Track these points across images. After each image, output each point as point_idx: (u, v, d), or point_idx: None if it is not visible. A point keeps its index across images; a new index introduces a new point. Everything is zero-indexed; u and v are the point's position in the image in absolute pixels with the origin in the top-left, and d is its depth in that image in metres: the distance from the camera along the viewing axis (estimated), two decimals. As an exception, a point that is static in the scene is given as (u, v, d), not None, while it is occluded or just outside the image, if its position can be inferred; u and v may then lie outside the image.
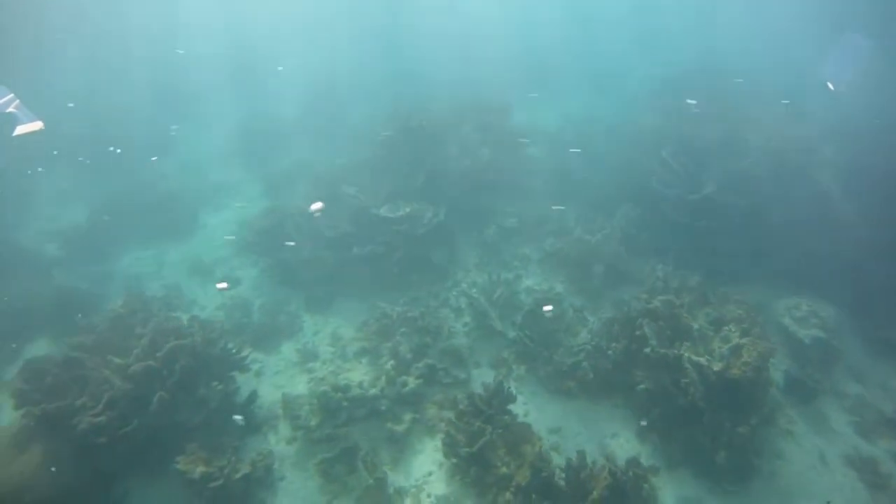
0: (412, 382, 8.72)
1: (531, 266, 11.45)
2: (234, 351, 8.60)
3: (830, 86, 18.28)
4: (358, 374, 9.18)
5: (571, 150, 13.14)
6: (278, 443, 8.56)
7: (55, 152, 15.35)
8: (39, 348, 10.76)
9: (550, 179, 13.54)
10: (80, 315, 10.91)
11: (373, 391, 8.46)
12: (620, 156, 13.62)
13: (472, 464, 7.94)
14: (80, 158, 15.09)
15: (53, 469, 7.52)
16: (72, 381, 8.16)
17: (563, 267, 11.16)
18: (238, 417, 8.21)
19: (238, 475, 7.55)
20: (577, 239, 11.14)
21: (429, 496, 7.93)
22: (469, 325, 10.12)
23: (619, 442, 8.83)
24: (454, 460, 8.06)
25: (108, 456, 7.71)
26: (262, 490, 7.88)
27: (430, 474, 8.18)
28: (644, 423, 8.82)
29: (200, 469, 7.46)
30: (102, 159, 15.90)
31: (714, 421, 8.35)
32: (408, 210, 10.87)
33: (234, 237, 12.54)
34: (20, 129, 16.52)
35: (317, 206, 10.40)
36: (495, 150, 12.43)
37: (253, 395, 8.69)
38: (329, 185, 11.89)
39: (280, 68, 18.74)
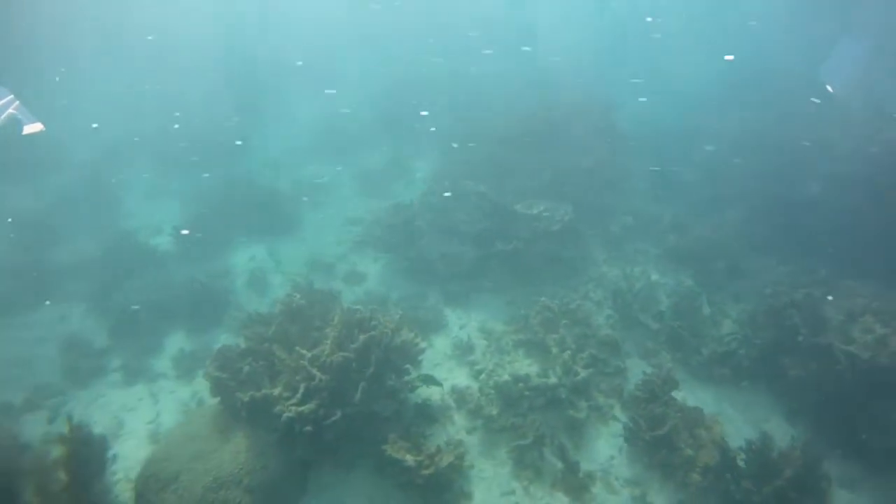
0: (582, 372, 8.94)
1: (655, 261, 11.83)
2: (415, 343, 8.66)
3: (829, 88, 19.08)
4: (523, 366, 9.37)
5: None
6: (458, 432, 8.68)
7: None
8: (178, 341, 10.64)
9: (646, 178, 13.97)
10: (212, 309, 10.89)
11: (553, 380, 8.65)
12: (707, 157, 14.11)
13: (658, 447, 8.24)
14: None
15: (262, 455, 7.50)
16: (262, 371, 8.13)
17: (686, 262, 11.56)
18: None
19: (445, 463, 7.64)
20: (697, 236, 11.55)
21: (617, 479, 8.17)
22: (612, 318, 10.41)
23: (771, 426, 9.20)
24: (639, 444, 8.34)
25: (310, 445, 7.72)
26: (459, 478, 7.98)
27: (612, 458, 8.42)
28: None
29: (411, 457, 7.54)
30: (184, 155, 15.70)
31: (869, 406, 8.84)
32: (542, 208, 11.11)
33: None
34: (28, 129, 16.17)
35: None
36: (606, 151, 12.78)
37: (428, 379, 8.79)
38: (452, 181, 12.02)
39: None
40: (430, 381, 8.97)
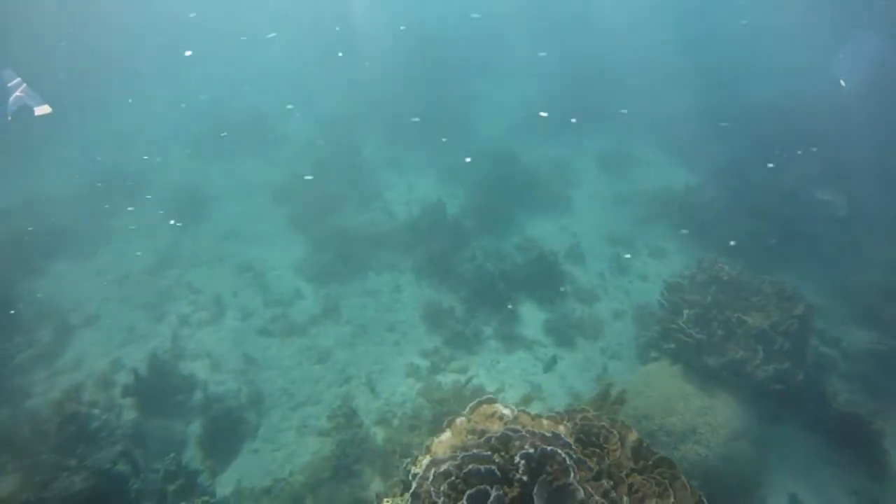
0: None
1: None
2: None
3: (843, 83, 18.38)
4: (864, 334, 10.49)
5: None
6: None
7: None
8: (531, 310, 10.89)
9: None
10: (552, 280, 11.21)
11: (916, 345, 9.83)
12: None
13: None
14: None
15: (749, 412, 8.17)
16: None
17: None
18: None
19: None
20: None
21: None
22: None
23: None
24: None
25: (775, 401, 8.50)
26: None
27: None
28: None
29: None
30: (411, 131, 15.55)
31: None
32: (829, 195, 12.21)
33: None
34: (38, 111, 16.05)
35: None
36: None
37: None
38: (733, 167, 12.84)
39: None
40: None
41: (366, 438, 8.07)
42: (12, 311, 10.38)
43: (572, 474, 4.65)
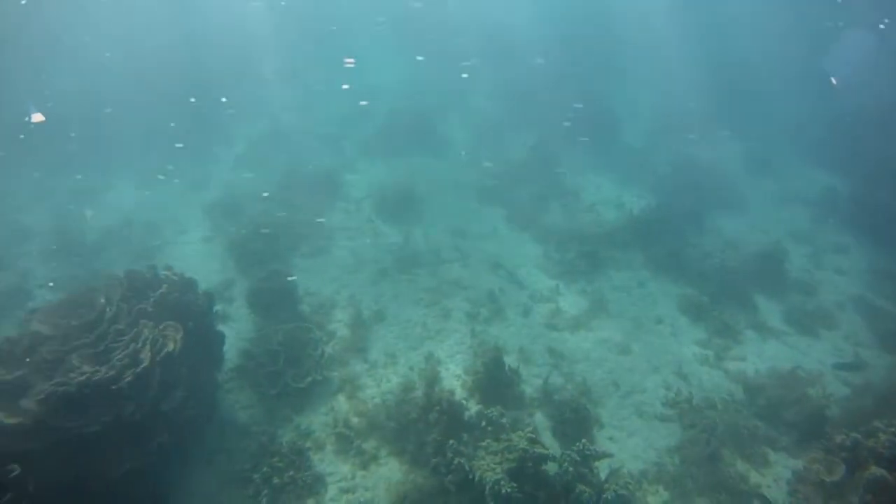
0: None
1: None
2: None
3: (833, 80, 19.94)
4: None
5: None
6: None
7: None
8: (764, 302, 11.80)
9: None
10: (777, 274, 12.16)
11: None
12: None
13: None
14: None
15: None
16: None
17: None
18: None
19: None
20: None
21: None
22: None
23: None
24: None
25: None
26: None
27: None
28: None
29: None
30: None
31: None
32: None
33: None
34: (35, 118, 17.02)
35: None
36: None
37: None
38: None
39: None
40: None
41: (716, 422, 8.72)
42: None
43: None
